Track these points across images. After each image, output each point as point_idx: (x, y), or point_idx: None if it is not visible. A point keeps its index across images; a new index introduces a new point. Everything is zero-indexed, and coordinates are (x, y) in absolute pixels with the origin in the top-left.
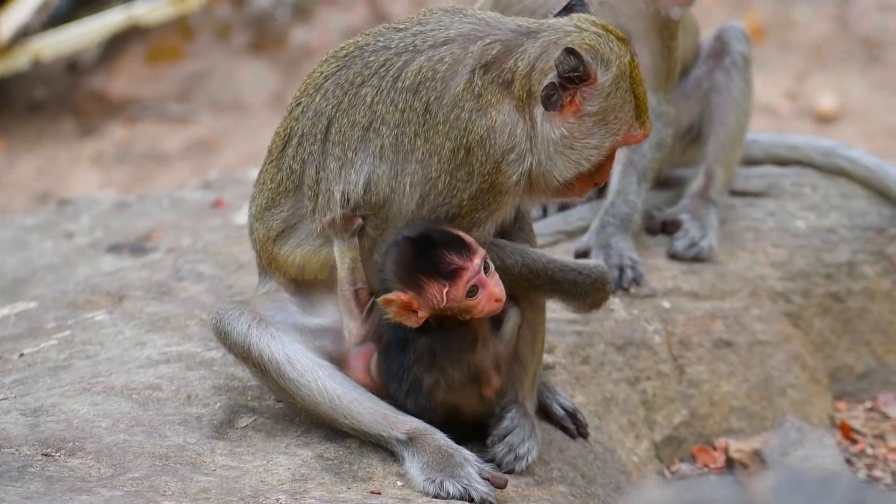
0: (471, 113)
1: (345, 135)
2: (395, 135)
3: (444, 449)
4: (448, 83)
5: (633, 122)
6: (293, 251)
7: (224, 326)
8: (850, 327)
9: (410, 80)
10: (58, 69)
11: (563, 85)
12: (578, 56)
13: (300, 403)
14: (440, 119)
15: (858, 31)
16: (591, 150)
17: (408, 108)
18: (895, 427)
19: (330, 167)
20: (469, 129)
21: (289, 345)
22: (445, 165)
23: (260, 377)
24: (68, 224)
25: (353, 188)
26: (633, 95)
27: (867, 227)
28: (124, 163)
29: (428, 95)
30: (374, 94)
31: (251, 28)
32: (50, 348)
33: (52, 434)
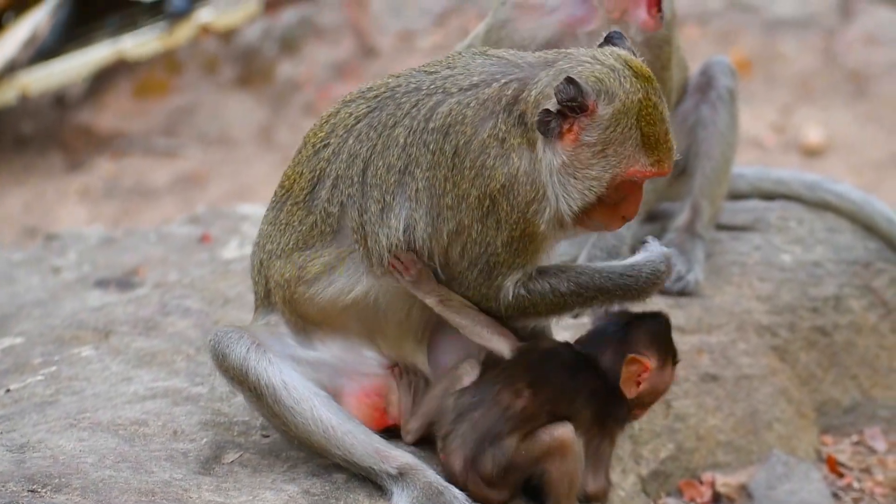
0: (495, 160)
1: (381, 178)
2: (427, 178)
3: (434, 486)
4: (477, 128)
5: (638, 158)
6: (324, 291)
7: (223, 349)
8: (837, 361)
9: (440, 122)
10: (45, 103)
11: (562, 113)
12: (577, 85)
13: (293, 431)
14: (467, 164)
15: (845, 65)
16: (592, 180)
17: (438, 151)
18: (882, 461)
19: (371, 210)
20: (492, 177)
21: (286, 371)
22: (475, 213)
23: (255, 402)
24: (55, 259)
25: (393, 232)
26: (638, 132)
27: (853, 262)
28: (112, 197)
29: (457, 140)
30: (407, 136)
31: (238, 62)
32: (36, 384)
33: (38, 470)
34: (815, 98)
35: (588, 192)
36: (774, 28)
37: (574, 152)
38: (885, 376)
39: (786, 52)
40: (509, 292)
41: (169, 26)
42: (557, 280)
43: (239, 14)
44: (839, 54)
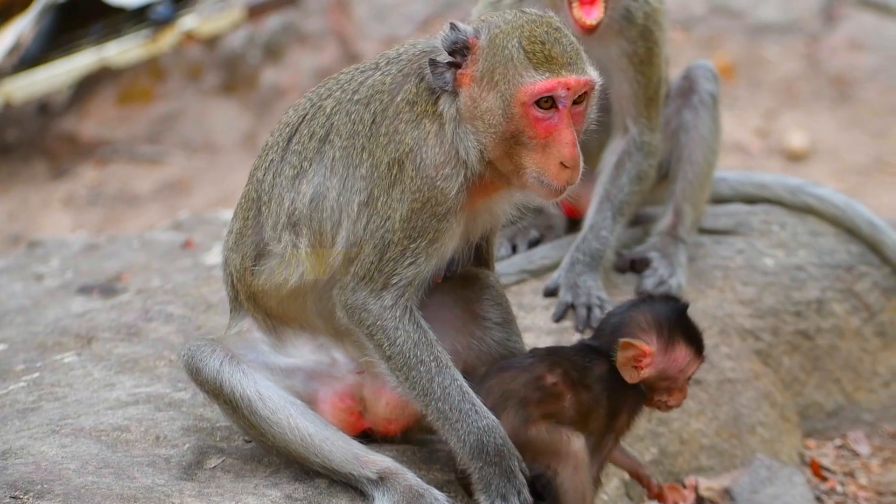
0: (406, 124)
1: (303, 145)
2: (345, 147)
3: (414, 489)
4: (393, 95)
5: (525, 75)
6: (267, 277)
7: (196, 363)
8: (820, 365)
9: (364, 93)
10: (29, 111)
11: (453, 63)
12: (456, 28)
13: (270, 441)
14: (382, 131)
15: (828, 70)
16: (490, 113)
17: (359, 121)
18: (865, 465)
19: (285, 173)
20: (402, 142)
21: (261, 382)
22: (384, 182)
23: (231, 414)
24: (38, 266)
25: (300, 198)
26: (521, 51)
27: (836, 265)
28: (96, 204)
29: (376, 108)
30: (334, 106)
31: (222, 69)
32: (19, 390)
33: (20, 477)
34: (799, 103)
35: (491, 128)
36: (758, 33)
37: (469, 93)
38: (868, 380)
39: (769, 57)
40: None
41: (153, 33)
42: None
43: (223, 21)
44: (822, 60)
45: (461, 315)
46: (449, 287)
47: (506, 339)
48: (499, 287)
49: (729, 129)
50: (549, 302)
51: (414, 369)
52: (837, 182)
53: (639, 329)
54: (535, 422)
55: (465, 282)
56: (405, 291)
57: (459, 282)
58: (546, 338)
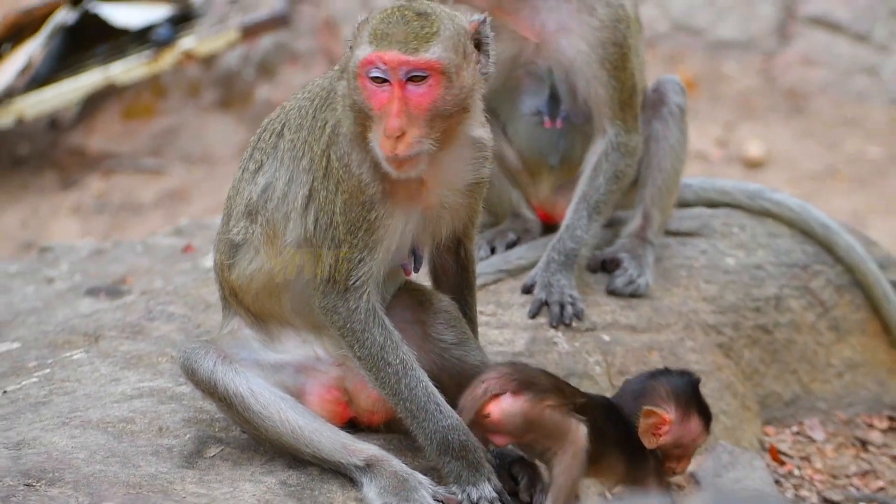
0: (328, 113)
1: (265, 141)
2: (292, 140)
3: (399, 474)
4: (329, 90)
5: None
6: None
7: (191, 364)
8: (778, 357)
9: (311, 91)
10: (40, 127)
11: None
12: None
13: (264, 434)
14: (319, 123)
15: (783, 84)
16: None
17: (304, 115)
18: (820, 450)
19: (249, 168)
20: (324, 130)
21: (252, 380)
22: (320, 173)
23: (225, 411)
24: (49, 270)
25: (255, 189)
26: (370, 28)
27: (792, 264)
28: (102, 213)
29: (317, 102)
30: (293, 104)
31: (219, 86)
32: (31, 385)
33: (33, 466)
34: (756, 115)
35: (347, 101)
36: (718, 50)
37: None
38: (823, 371)
39: (728, 72)
40: (351, 305)
41: (154, 53)
42: (392, 345)
43: (219, 41)
44: (778, 75)
45: (420, 335)
46: (407, 305)
47: (464, 356)
48: (452, 309)
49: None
50: (526, 299)
51: (382, 371)
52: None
53: (659, 398)
54: (551, 405)
55: (420, 306)
56: (366, 291)
57: (415, 303)
58: (523, 333)
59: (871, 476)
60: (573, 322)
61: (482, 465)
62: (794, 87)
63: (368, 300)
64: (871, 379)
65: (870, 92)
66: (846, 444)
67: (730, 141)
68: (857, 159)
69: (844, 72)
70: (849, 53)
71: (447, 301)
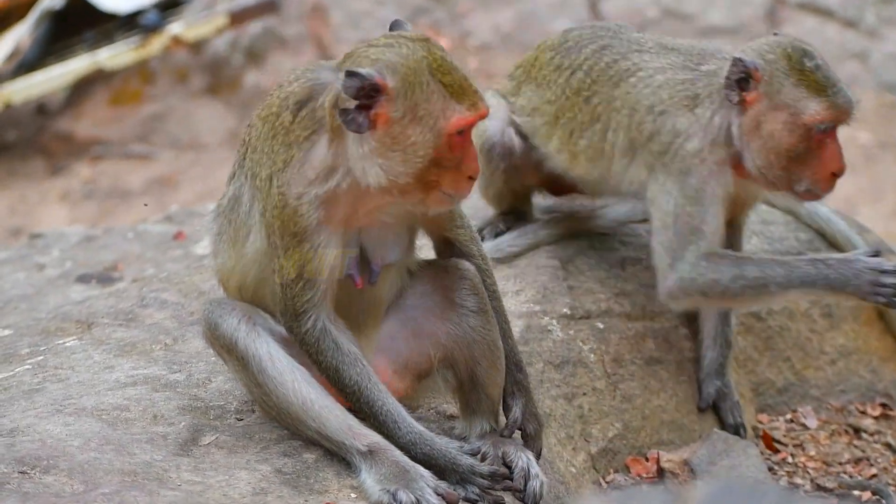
0: (281, 146)
1: (239, 149)
2: (252, 158)
3: (400, 464)
4: (277, 117)
5: (452, 108)
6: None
7: (215, 318)
8: (771, 345)
9: (265, 112)
10: (27, 112)
11: (363, 106)
12: (357, 74)
13: (272, 401)
14: (267, 149)
15: None
16: (417, 146)
17: (259, 136)
18: (813, 437)
19: (228, 172)
20: (275, 161)
21: (272, 344)
22: (264, 195)
23: (239, 371)
24: (39, 257)
25: (225, 198)
26: (439, 84)
27: (785, 252)
28: (90, 199)
29: (268, 128)
30: (255, 118)
31: (207, 72)
32: (24, 373)
33: (27, 453)
34: None
35: (417, 159)
36: (708, 35)
37: (388, 131)
38: (816, 358)
39: None
40: (304, 327)
41: (142, 39)
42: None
43: (208, 27)
44: None
45: (440, 302)
46: (429, 276)
47: (481, 327)
48: (475, 278)
49: None
50: (519, 287)
51: (340, 388)
52: None
53: None
54: None
55: (445, 271)
56: (313, 315)
57: (440, 271)
58: (517, 321)
59: (864, 463)
60: None
61: (458, 464)
62: None
63: (316, 323)
64: (863, 366)
65: (859, 78)
66: (839, 431)
67: None
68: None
69: (834, 57)
70: (838, 39)
71: (472, 270)
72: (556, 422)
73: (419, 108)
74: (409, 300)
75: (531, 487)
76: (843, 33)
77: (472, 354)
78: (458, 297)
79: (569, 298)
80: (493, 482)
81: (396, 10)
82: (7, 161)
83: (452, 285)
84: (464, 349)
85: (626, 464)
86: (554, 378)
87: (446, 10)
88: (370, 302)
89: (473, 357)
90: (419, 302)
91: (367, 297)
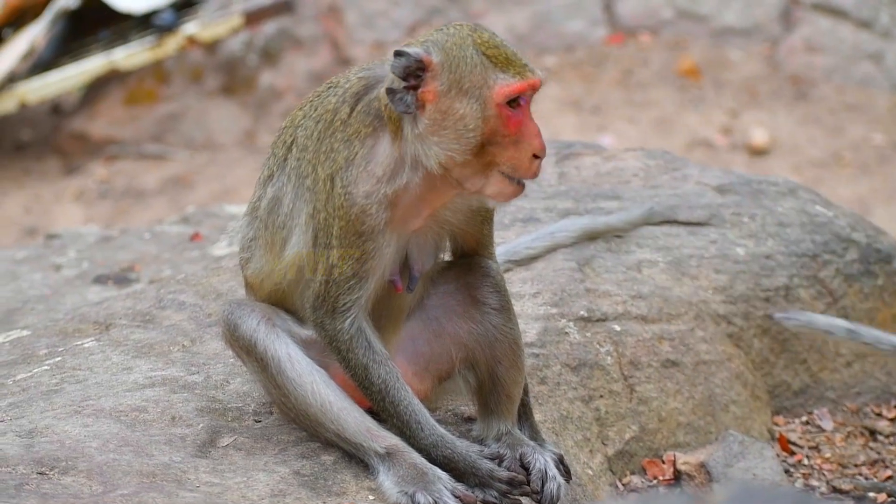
0: (340, 143)
1: (277, 149)
2: (298, 158)
3: (419, 466)
4: (335, 113)
5: (497, 77)
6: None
7: (235, 319)
8: (787, 347)
9: (318, 111)
10: (42, 112)
11: (411, 87)
12: (403, 53)
13: (291, 403)
14: (324, 148)
15: (787, 71)
16: (466, 119)
17: (310, 136)
18: (829, 439)
19: (263, 174)
20: (335, 160)
21: (291, 346)
22: (323, 195)
23: (259, 373)
24: (56, 257)
25: (264, 200)
26: (483, 56)
27: (802, 254)
28: (105, 199)
29: (322, 125)
30: (302, 117)
31: (222, 72)
32: (42, 373)
33: (46, 454)
34: (760, 102)
35: (466, 133)
36: (722, 36)
37: (437, 107)
38: (832, 360)
39: (733, 58)
40: (338, 326)
41: (157, 39)
42: (374, 364)
43: (223, 27)
44: (782, 61)
45: (462, 301)
46: (453, 274)
47: (503, 325)
48: (498, 277)
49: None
50: (536, 290)
51: (366, 388)
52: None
53: None
54: None
55: (468, 269)
56: (353, 314)
57: (463, 269)
58: (534, 323)
59: (879, 465)
60: None
61: (478, 468)
62: (799, 74)
63: (354, 322)
64: (879, 368)
65: (874, 78)
66: (855, 433)
67: (734, 128)
68: (861, 146)
69: (848, 58)
70: (853, 40)
71: (495, 268)
72: (573, 424)
73: (464, 80)
74: (431, 300)
75: (548, 490)
76: (857, 34)
77: (493, 353)
78: (480, 295)
79: (585, 301)
80: (510, 487)
81: (412, 11)
82: (22, 160)
83: (475, 283)
84: (485, 348)
85: (643, 466)
86: (571, 381)
87: (461, 10)
88: (397, 307)
89: (495, 356)
90: (440, 301)
91: (394, 302)
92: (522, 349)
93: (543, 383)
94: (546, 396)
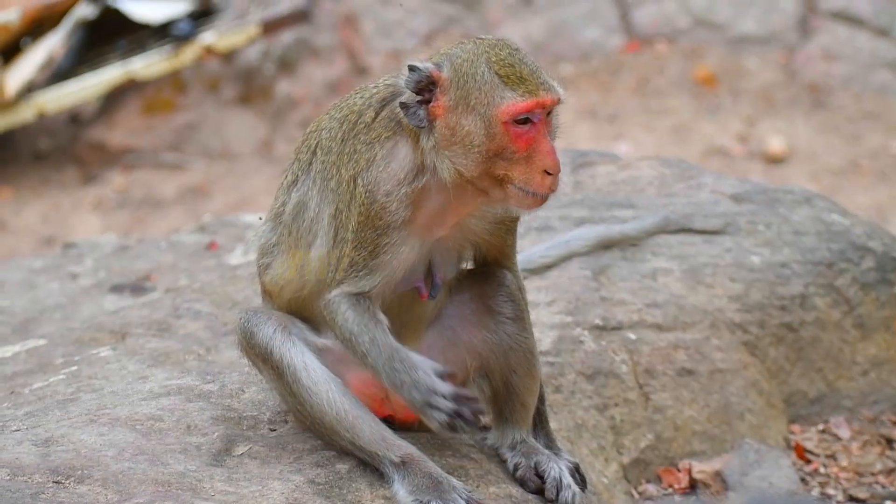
0: (363, 145)
1: (302, 154)
2: (323, 161)
3: (434, 475)
4: (359, 116)
5: (503, 96)
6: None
7: (251, 327)
8: (803, 355)
9: (342, 113)
10: (61, 121)
11: (425, 101)
12: (416, 69)
13: (307, 411)
14: (347, 150)
15: (804, 79)
16: (471, 135)
17: (334, 138)
18: (846, 448)
19: (287, 179)
20: (358, 161)
21: (307, 354)
22: (346, 196)
23: (274, 381)
24: (73, 266)
25: (289, 203)
26: (493, 74)
27: (818, 262)
28: (123, 208)
29: (346, 128)
30: (327, 121)
31: (239, 81)
32: (58, 382)
33: (62, 463)
34: (777, 110)
35: (473, 148)
36: (738, 44)
37: (445, 122)
38: (848, 369)
39: (749, 67)
40: (337, 302)
41: (175, 48)
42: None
43: (240, 36)
44: (799, 69)
45: (477, 310)
46: (468, 283)
47: (517, 334)
48: (514, 286)
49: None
50: (552, 298)
51: (349, 346)
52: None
53: None
54: None
55: (484, 279)
56: (356, 291)
57: (478, 278)
58: (549, 332)
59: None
60: None
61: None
62: (816, 82)
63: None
64: (895, 377)
65: (891, 86)
66: (872, 441)
67: (751, 136)
68: (878, 154)
69: (866, 66)
70: (870, 47)
71: (510, 277)
72: (589, 432)
73: (471, 97)
74: (446, 309)
75: (564, 498)
76: (875, 42)
77: (507, 363)
78: (495, 305)
79: (601, 309)
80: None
81: (428, 20)
82: (40, 169)
83: (490, 292)
84: (500, 357)
85: (658, 474)
86: (586, 389)
87: (477, 19)
88: (418, 315)
89: (509, 365)
90: (456, 311)
91: (416, 310)
92: (537, 358)
93: (558, 392)
94: (561, 405)
